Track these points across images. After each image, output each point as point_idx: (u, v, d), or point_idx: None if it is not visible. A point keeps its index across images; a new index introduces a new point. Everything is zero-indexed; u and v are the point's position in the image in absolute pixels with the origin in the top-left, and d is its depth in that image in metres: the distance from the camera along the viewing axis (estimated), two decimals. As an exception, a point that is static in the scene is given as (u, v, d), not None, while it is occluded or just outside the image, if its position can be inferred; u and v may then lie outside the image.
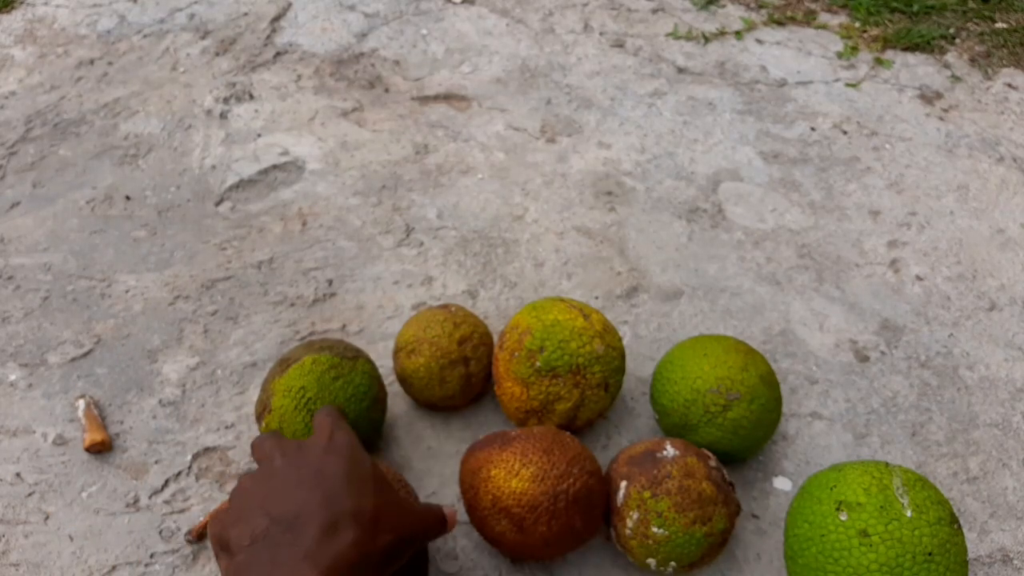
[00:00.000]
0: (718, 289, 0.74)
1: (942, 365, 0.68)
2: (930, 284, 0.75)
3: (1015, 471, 0.61)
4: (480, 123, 0.92)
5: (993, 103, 0.97)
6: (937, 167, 0.88)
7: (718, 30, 1.07)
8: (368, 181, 0.84)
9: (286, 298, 0.72)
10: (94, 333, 0.69)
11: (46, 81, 0.96)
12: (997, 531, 0.58)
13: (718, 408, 0.54)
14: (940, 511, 0.46)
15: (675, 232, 0.79)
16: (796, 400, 0.65)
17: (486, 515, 0.50)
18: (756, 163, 0.88)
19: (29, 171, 0.84)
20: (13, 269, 0.74)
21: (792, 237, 0.79)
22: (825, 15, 1.12)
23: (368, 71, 0.99)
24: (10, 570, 0.54)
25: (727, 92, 0.97)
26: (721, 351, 0.56)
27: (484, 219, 0.80)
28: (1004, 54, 1.05)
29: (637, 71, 1.00)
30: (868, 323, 0.71)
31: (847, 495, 0.47)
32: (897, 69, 1.02)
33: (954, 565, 0.45)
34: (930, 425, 0.64)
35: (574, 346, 0.55)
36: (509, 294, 0.73)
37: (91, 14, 1.07)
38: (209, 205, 0.81)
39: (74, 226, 0.78)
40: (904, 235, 0.80)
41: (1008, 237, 0.80)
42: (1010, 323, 0.72)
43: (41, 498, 0.58)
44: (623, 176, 0.86)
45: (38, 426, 0.62)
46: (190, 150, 0.87)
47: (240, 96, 0.94)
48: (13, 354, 0.67)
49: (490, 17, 1.09)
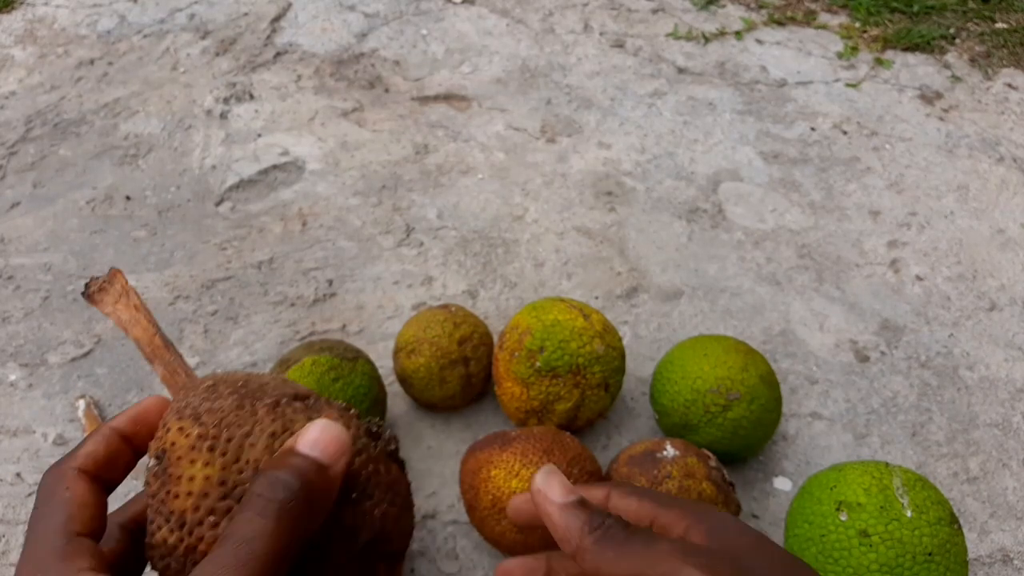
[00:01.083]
0: (718, 289, 0.74)
1: (942, 365, 0.68)
2: (930, 284, 0.75)
3: (1015, 471, 0.61)
4: (480, 123, 0.92)
5: (993, 103, 0.97)
6: (937, 167, 0.88)
7: (718, 30, 1.07)
8: (368, 181, 0.84)
9: (286, 298, 0.72)
10: (94, 333, 0.69)
11: (46, 81, 0.96)
12: (997, 531, 0.58)
13: (718, 408, 0.54)
14: (940, 511, 0.46)
15: (675, 232, 0.79)
16: (796, 400, 0.65)
17: (486, 515, 0.50)
18: (756, 163, 0.88)
19: (29, 171, 0.84)
20: (13, 269, 0.74)
21: (792, 237, 0.79)
22: (825, 15, 1.12)
23: (368, 71, 0.99)
24: (10, 570, 0.54)
25: (727, 92, 0.97)
26: (721, 351, 0.56)
27: (484, 219, 0.80)
28: (1004, 54, 1.05)
29: (637, 71, 1.00)
30: (868, 323, 0.71)
31: (847, 495, 0.47)
32: (897, 69, 1.02)
33: (954, 565, 0.45)
34: (930, 425, 0.64)
35: (574, 346, 0.55)
36: (509, 294, 0.73)
37: (91, 14, 1.07)
38: (209, 205, 0.81)
39: (74, 226, 0.78)
40: (904, 235, 0.80)
41: (1008, 237, 0.80)
42: (1010, 323, 0.72)
43: (41, 498, 0.58)
44: (623, 176, 0.86)
45: (38, 426, 0.62)
46: (190, 150, 0.87)
47: (240, 96, 0.94)
48: (13, 354, 0.67)
49: (490, 17, 1.09)
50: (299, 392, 0.30)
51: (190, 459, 0.26)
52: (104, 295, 0.34)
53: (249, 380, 0.30)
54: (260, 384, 0.30)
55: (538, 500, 0.28)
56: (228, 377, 0.30)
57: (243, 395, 0.28)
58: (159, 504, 0.26)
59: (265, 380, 0.31)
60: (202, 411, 0.28)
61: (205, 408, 0.28)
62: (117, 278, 0.34)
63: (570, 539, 0.27)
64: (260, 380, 0.30)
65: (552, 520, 0.28)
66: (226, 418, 0.27)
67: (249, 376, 0.31)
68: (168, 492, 0.26)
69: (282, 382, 0.31)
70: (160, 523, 0.26)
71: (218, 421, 0.27)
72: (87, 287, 0.34)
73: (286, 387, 0.30)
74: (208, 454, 0.26)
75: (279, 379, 0.31)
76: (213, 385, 0.29)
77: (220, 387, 0.29)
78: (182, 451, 0.26)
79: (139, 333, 0.33)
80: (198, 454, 0.26)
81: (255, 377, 0.31)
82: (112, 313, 0.33)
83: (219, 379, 0.30)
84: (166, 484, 0.26)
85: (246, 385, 0.29)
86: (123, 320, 0.33)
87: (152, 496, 0.27)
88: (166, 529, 0.26)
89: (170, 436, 0.27)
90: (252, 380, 0.30)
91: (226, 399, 0.28)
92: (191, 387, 0.30)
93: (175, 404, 0.29)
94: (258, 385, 0.30)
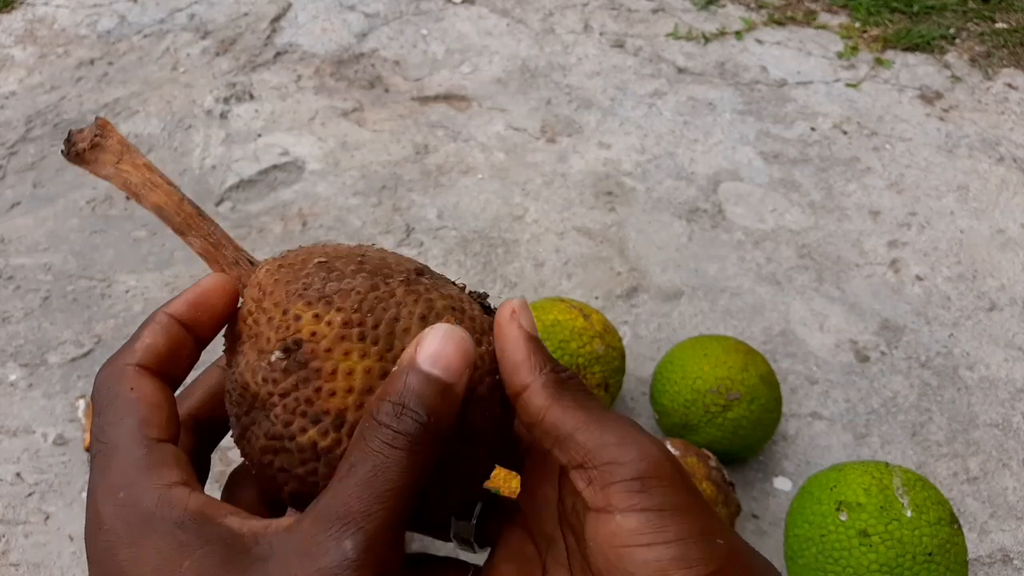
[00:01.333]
0: (718, 289, 0.74)
1: (942, 365, 0.68)
2: (930, 284, 0.75)
3: (1015, 471, 0.61)
4: (480, 123, 0.92)
5: (993, 103, 0.97)
6: (937, 167, 0.88)
7: (718, 30, 1.07)
8: (368, 181, 0.84)
9: (286, 298, 0.72)
10: (94, 333, 0.69)
11: (46, 81, 0.96)
12: (997, 531, 0.58)
13: (718, 408, 0.54)
14: (940, 511, 0.46)
15: (675, 232, 0.79)
16: (796, 400, 0.65)
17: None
18: (756, 163, 0.88)
19: (29, 171, 0.84)
20: (13, 269, 0.74)
21: (792, 237, 0.79)
22: (825, 15, 1.12)
23: (368, 71, 0.99)
24: (10, 570, 0.54)
25: (727, 92, 0.97)
26: (721, 351, 0.56)
27: (484, 219, 0.80)
28: (1004, 54, 1.05)
29: (637, 71, 1.00)
30: (868, 323, 0.71)
31: (847, 495, 0.47)
32: (897, 69, 1.02)
33: (954, 565, 0.45)
34: (930, 425, 0.64)
35: (574, 346, 0.55)
36: (509, 294, 0.73)
37: (91, 14, 1.07)
38: (209, 205, 0.81)
39: (74, 226, 0.78)
40: (904, 235, 0.80)
41: (1008, 237, 0.80)
42: (1010, 323, 0.72)
43: (41, 498, 0.58)
44: (623, 176, 0.86)
45: (38, 426, 0.62)
46: (190, 150, 0.87)
47: (240, 96, 0.94)
48: (13, 354, 0.67)
49: (490, 17, 1.09)
50: (416, 265, 0.26)
51: (343, 350, 0.23)
52: (99, 152, 0.26)
53: (355, 253, 0.25)
54: (375, 257, 0.25)
55: (506, 318, 0.24)
56: (330, 251, 0.25)
57: (370, 272, 0.24)
58: (299, 403, 0.23)
59: (368, 251, 0.26)
60: (331, 293, 0.23)
61: (333, 289, 0.23)
62: (110, 130, 0.26)
63: (521, 371, 0.23)
64: (364, 251, 0.26)
65: (510, 343, 0.23)
66: (365, 300, 0.23)
67: (349, 248, 0.26)
68: (317, 389, 0.22)
69: (385, 252, 0.26)
70: (304, 424, 0.23)
71: (358, 305, 0.23)
72: (70, 143, 0.26)
73: (399, 259, 0.26)
74: (361, 344, 0.23)
75: (375, 249, 0.27)
76: (325, 262, 0.25)
77: (336, 263, 0.24)
78: (330, 341, 0.23)
79: (160, 198, 0.25)
80: (350, 344, 0.23)
81: (353, 248, 0.26)
82: (115, 175, 0.26)
83: (318, 253, 0.25)
84: (310, 380, 0.22)
85: (364, 260, 0.25)
86: (133, 183, 0.25)
87: (282, 395, 0.23)
88: (316, 431, 0.22)
89: (304, 324, 0.23)
90: (356, 252, 0.25)
91: (354, 278, 0.24)
92: (289, 264, 0.25)
93: (287, 286, 0.24)
94: (377, 259, 0.25)
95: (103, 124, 0.26)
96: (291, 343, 0.23)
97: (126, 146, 0.26)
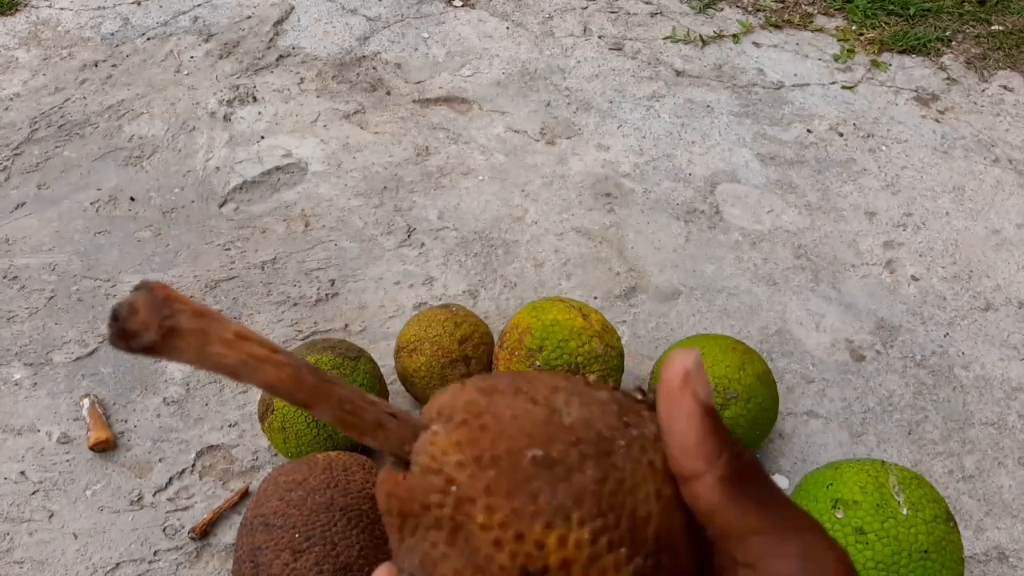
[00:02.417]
0: (715, 289, 0.75)
1: (938, 364, 0.69)
2: (926, 284, 0.76)
3: (1010, 469, 0.62)
4: (480, 125, 0.93)
5: (989, 105, 0.98)
6: (933, 168, 0.89)
7: (716, 33, 1.08)
8: (370, 182, 0.85)
9: (289, 298, 0.72)
10: (99, 333, 0.69)
11: (50, 83, 0.96)
12: (993, 529, 0.58)
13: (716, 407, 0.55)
14: (936, 509, 0.47)
15: (673, 233, 0.80)
16: (793, 399, 0.66)
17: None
18: (753, 165, 0.88)
19: (34, 172, 0.85)
20: (18, 269, 0.75)
21: (789, 238, 0.80)
22: (822, 18, 1.13)
23: (370, 74, 1.00)
24: (15, 567, 0.55)
25: (724, 95, 0.98)
26: (718, 350, 0.57)
27: (484, 220, 0.81)
28: (1000, 56, 1.06)
29: (635, 74, 1.01)
30: (864, 323, 0.72)
31: (843, 493, 0.48)
32: (893, 71, 1.03)
33: (950, 563, 0.46)
34: (926, 424, 0.65)
35: (573, 345, 0.55)
36: (509, 294, 0.73)
37: (95, 17, 1.07)
38: (213, 206, 0.82)
39: (79, 227, 0.79)
40: (900, 236, 0.81)
41: (1003, 238, 0.81)
42: (1005, 323, 0.73)
43: (46, 496, 0.58)
44: (622, 178, 0.86)
45: (43, 425, 0.63)
46: (194, 152, 0.88)
47: (243, 98, 0.95)
48: (18, 353, 0.68)
49: (490, 21, 1.09)
50: (607, 391, 0.21)
51: (599, 570, 0.19)
52: (175, 339, 0.18)
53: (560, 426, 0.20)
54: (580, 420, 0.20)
55: (676, 385, 0.20)
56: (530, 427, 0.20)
57: (594, 454, 0.20)
58: None
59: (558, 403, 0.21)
60: (567, 502, 0.19)
61: (567, 495, 0.19)
62: (179, 303, 0.18)
63: (693, 456, 0.19)
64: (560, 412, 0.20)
65: (682, 419, 0.19)
66: (603, 500, 0.19)
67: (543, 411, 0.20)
68: None
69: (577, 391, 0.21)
70: None
71: (597, 509, 0.19)
72: (126, 333, 0.17)
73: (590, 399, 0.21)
74: (613, 555, 0.19)
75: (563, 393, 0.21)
76: (543, 457, 0.19)
77: (553, 451, 0.19)
78: (583, 567, 0.19)
79: (272, 376, 0.19)
80: (605, 562, 0.19)
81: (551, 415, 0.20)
82: (204, 361, 0.19)
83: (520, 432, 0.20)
84: None
85: (580, 438, 0.20)
86: (230, 366, 0.19)
87: None
88: None
89: (549, 552, 0.19)
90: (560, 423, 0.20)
91: (583, 471, 0.19)
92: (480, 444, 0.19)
93: (510, 499, 0.19)
94: (581, 420, 0.20)
95: (167, 296, 0.18)
96: (536, 572, 0.19)
97: (206, 317, 0.19)
